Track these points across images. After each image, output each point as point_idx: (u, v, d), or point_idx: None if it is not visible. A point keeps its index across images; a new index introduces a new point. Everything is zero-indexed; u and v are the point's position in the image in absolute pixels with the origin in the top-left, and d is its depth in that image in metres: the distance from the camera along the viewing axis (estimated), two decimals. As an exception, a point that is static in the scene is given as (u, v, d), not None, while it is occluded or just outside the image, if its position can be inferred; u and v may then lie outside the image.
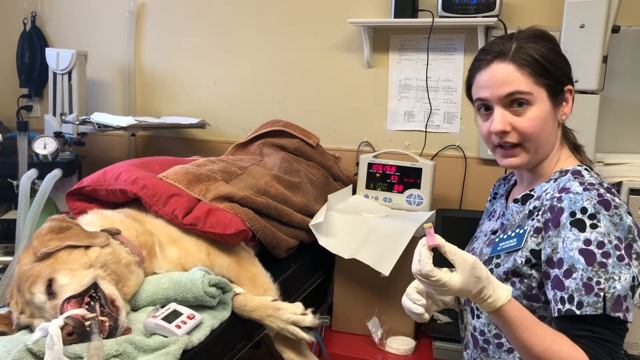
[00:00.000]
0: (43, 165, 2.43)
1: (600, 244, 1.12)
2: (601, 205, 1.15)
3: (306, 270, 1.95)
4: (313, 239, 1.91)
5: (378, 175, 2.32)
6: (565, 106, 1.28)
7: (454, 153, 2.51)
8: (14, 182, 2.40)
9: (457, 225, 2.22)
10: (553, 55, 1.25)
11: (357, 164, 2.46)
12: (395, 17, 2.42)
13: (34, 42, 3.14)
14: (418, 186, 2.25)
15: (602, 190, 1.17)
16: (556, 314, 1.15)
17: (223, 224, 1.58)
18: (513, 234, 1.28)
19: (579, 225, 1.14)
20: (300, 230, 1.90)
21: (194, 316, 1.31)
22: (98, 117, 2.56)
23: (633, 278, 1.12)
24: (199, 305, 1.37)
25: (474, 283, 1.10)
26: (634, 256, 1.14)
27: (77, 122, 2.61)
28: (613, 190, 1.21)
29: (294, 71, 2.74)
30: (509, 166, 1.31)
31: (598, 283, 1.11)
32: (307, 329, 1.44)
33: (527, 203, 1.31)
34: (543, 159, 1.30)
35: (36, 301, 1.23)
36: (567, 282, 1.13)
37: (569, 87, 1.28)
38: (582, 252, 1.12)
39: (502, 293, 1.12)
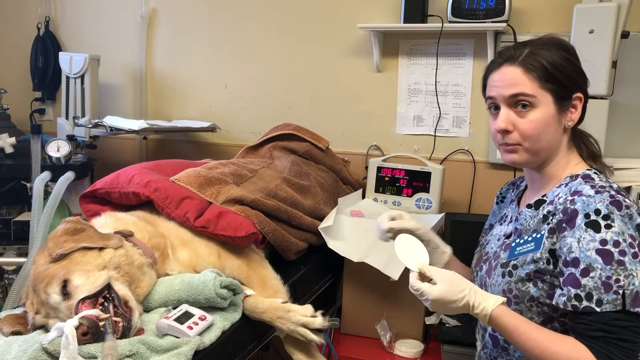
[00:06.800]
0: (56, 168, 2.45)
1: (616, 243, 1.16)
2: (614, 206, 1.19)
3: (315, 273, 1.96)
4: (322, 242, 1.92)
5: (387, 179, 2.33)
6: (572, 113, 1.32)
7: (462, 157, 2.52)
8: (28, 185, 2.42)
9: (465, 229, 2.23)
10: (562, 63, 1.29)
11: (366, 167, 2.47)
12: (404, 22, 2.43)
13: (47, 46, 3.18)
14: (427, 190, 2.26)
15: (613, 192, 1.22)
16: (569, 309, 1.19)
17: (234, 226, 1.60)
18: (530, 239, 1.32)
19: (594, 226, 1.18)
20: (310, 233, 1.92)
21: (205, 317, 1.32)
22: (110, 121, 2.59)
23: None
24: (210, 307, 1.39)
25: (458, 292, 1.24)
26: None
27: (90, 125, 2.64)
28: (622, 192, 1.25)
29: (304, 75, 2.75)
30: (511, 162, 1.35)
31: (617, 281, 1.14)
32: (316, 331, 1.46)
33: (541, 208, 1.34)
34: (546, 160, 1.35)
35: (51, 301, 1.25)
36: (584, 281, 1.17)
37: (578, 94, 1.31)
38: (599, 252, 1.17)
39: (489, 300, 1.24)
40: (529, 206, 1.38)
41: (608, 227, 1.17)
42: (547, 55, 1.28)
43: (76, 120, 2.74)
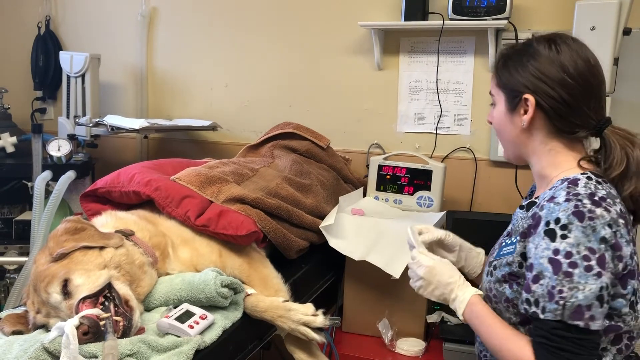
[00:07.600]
0: (57, 167, 2.46)
1: (568, 254, 1.15)
2: (575, 216, 1.16)
3: (317, 271, 1.96)
4: (323, 240, 1.92)
5: (388, 177, 2.33)
6: (524, 114, 1.30)
7: (464, 155, 2.52)
8: (29, 184, 2.43)
9: (467, 227, 2.22)
10: (516, 65, 1.31)
11: (368, 166, 2.47)
12: (405, 20, 2.43)
13: (48, 45, 3.18)
14: (428, 188, 2.26)
15: (585, 201, 1.17)
16: (522, 311, 1.22)
17: (235, 225, 1.60)
18: (514, 240, 1.32)
19: (551, 234, 1.18)
20: (311, 232, 1.92)
21: (206, 316, 1.32)
22: (111, 120, 2.59)
23: (601, 288, 1.13)
24: (211, 306, 1.39)
25: (449, 271, 1.36)
26: (606, 266, 1.15)
27: (91, 125, 2.64)
28: (608, 200, 1.19)
29: (305, 74, 2.75)
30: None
31: (560, 292, 1.14)
32: (318, 329, 1.46)
33: (531, 210, 1.32)
34: (527, 158, 1.37)
35: (52, 301, 1.25)
36: (534, 287, 1.18)
37: (527, 96, 1.28)
38: (550, 260, 1.16)
39: (470, 289, 1.35)
40: (521, 207, 1.37)
41: (564, 237, 1.16)
42: (509, 57, 1.33)
43: (77, 120, 2.75)
